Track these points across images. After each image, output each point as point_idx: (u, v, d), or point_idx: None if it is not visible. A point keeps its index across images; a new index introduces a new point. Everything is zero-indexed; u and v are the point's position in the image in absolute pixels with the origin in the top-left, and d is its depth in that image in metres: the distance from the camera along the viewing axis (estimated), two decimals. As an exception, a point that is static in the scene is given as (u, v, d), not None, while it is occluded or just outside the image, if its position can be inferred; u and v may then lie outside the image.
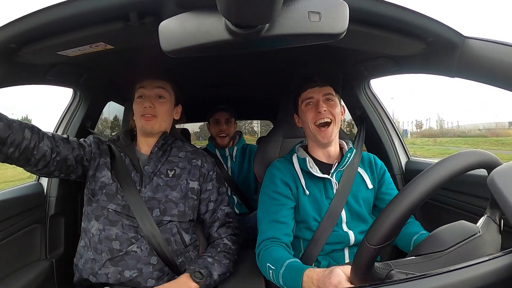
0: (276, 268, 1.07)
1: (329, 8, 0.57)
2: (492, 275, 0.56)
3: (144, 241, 1.18)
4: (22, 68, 1.03)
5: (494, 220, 0.75)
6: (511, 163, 0.62)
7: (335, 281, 0.82)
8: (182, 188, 1.27)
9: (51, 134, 1.21)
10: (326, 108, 1.23)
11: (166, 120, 1.33)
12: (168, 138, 1.36)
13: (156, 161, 1.30)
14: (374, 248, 0.63)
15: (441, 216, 1.48)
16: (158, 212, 1.21)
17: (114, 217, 1.20)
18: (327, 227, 1.23)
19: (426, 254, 0.71)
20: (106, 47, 0.93)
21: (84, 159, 1.27)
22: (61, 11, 0.76)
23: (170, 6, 0.72)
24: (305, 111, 1.27)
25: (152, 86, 1.31)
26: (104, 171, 1.26)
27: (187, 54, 0.62)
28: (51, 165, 1.18)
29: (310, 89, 1.27)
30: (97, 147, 1.32)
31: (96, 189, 1.24)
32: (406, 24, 0.87)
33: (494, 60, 0.86)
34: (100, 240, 1.17)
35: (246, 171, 2.31)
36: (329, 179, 1.26)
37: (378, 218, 0.65)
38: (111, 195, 1.22)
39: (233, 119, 2.35)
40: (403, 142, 1.83)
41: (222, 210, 1.37)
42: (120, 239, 1.17)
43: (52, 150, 1.16)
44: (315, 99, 1.25)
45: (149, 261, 1.17)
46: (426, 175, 0.64)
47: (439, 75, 1.09)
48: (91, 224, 1.21)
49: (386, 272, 0.67)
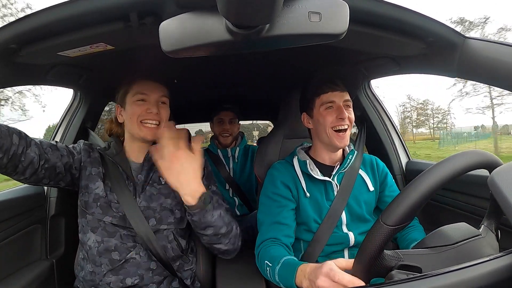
0: (272, 265, 1.07)
1: (329, 8, 0.57)
2: (492, 276, 0.57)
3: (142, 248, 1.17)
4: (22, 69, 1.03)
5: (491, 230, 0.77)
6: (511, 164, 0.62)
7: (326, 269, 0.82)
8: (176, 194, 1.17)
9: (39, 140, 1.15)
10: (348, 115, 1.22)
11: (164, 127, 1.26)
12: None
13: (149, 169, 1.24)
14: (390, 228, 0.63)
15: (442, 217, 1.48)
16: (154, 221, 1.19)
17: (112, 229, 1.17)
18: (327, 229, 1.23)
19: (433, 247, 0.72)
20: (107, 47, 0.93)
21: (72, 167, 1.22)
22: (61, 12, 0.76)
23: (170, 7, 0.72)
24: (324, 114, 1.24)
25: (157, 90, 1.24)
26: (98, 182, 1.21)
27: (187, 55, 0.62)
28: (39, 173, 1.12)
29: (332, 92, 1.23)
30: (87, 155, 1.26)
31: (90, 201, 1.19)
32: (406, 25, 0.87)
33: (494, 60, 0.86)
34: (99, 252, 1.16)
35: (248, 172, 2.31)
36: (330, 181, 1.27)
37: (396, 198, 0.65)
38: (106, 208, 1.18)
39: (237, 119, 2.34)
40: (404, 142, 1.83)
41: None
42: (119, 249, 1.16)
43: (40, 156, 1.11)
44: (336, 104, 1.23)
45: (149, 266, 1.17)
46: (443, 165, 0.65)
47: (439, 75, 1.09)
48: (87, 236, 1.19)
49: (396, 262, 0.67)
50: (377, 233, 0.64)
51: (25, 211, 1.36)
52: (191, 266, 1.29)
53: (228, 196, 2.23)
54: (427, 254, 0.71)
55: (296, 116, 1.44)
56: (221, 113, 2.32)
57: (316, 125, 1.28)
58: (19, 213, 1.32)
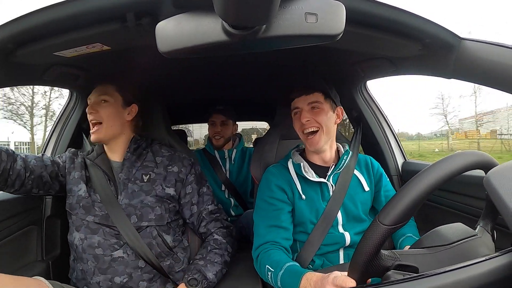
0: (275, 270, 1.07)
1: (325, 9, 0.57)
2: (488, 275, 0.57)
3: (128, 246, 1.19)
4: (18, 69, 1.02)
5: (487, 231, 0.77)
6: (506, 164, 0.62)
7: (331, 277, 0.82)
8: (157, 192, 1.26)
9: (24, 155, 1.23)
10: (310, 117, 1.23)
11: (113, 125, 1.29)
12: (141, 141, 1.35)
13: (130, 167, 1.29)
14: (387, 227, 0.63)
15: (437, 217, 1.48)
16: (135, 218, 1.21)
17: (94, 226, 1.21)
18: (322, 229, 1.23)
19: (430, 247, 0.73)
20: (103, 48, 0.93)
21: (59, 175, 1.30)
22: (57, 12, 0.76)
23: (167, 7, 0.72)
24: (294, 120, 1.30)
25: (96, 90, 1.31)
26: (80, 185, 1.27)
27: (183, 55, 0.62)
28: (26, 184, 1.21)
29: (296, 98, 1.27)
30: (72, 162, 1.33)
31: (73, 203, 1.25)
32: (402, 26, 0.88)
33: (490, 61, 0.86)
34: (83, 249, 1.19)
35: (245, 174, 2.30)
36: (325, 182, 1.27)
37: (393, 198, 0.66)
38: (88, 208, 1.23)
39: (230, 121, 2.31)
40: (400, 143, 1.84)
41: (206, 209, 1.35)
42: (102, 246, 1.18)
43: (26, 169, 1.19)
44: (300, 109, 1.26)
45: (137, 265, 1.19)
46: (440, 165, 0.66)
47: (435, 76, 1.09)
48: (73, 235, 1.24)
49: (392, 262, 0.67)
50: (374, 233, 0.64)
51: (21, 212, 1.35)
52: (183, 266, 1.29)
53: (224, 197, 2.22)
54: (423, 254, 0.72)
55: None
56: (213, 115, 2.30)
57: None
58: (15, 214, 1.31)
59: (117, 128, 1.30)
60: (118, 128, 1.31)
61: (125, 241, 1.18)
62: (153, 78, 1.71)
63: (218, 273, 1.23)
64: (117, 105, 1.30)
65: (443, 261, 0.68)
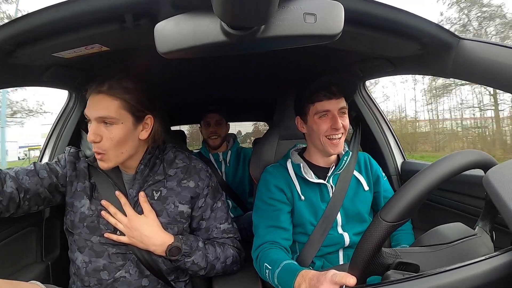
0: (272, 268, 1.06)
1: (324, 9, 0.57)
2: (488, 274, 0.57)
3: (132, 265, 1.11)
4: (17, 70, 1.02)
5: (486, 230, 0.78)
6: (506, 163, 0.63)
7: (330, 274, 0.80)
8: (169, 212, 1.13)
9: (14, 172, 1.07)
10: (342, 123, 1.20)
11: (124, 151, 1.08)
12: (154, 150, 1.17)
13: (141, 182, 1.14)
14: (389, 224, 0.64)
15: (437, 217, 1.48)
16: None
17: (99, 248, 1.10)
18: (322, 231, 1.23)
19: (430, 245, 0.73)
20: (102, 48, 0.93)
21: (59, 186, 1.14)
22: (56, 13, 0.76)
23: (166, 8, 0.72)
24: (318, 122, 1.22)
25: (95, 109, 1.05)
26: (83, 200, 1.12)
27: (182, 56, 0.62)
28: (23, 205, 1.06)
29: (327, 100, 1.20)
30: (73, 168, 1.16)
31: (76, 222, 1.12)
32: (401, 26, 0.88)
33: (489, 61, 0.86)
34: (87, 272, 1.10)
35: (241, 175, 2.30)
36: (325, 183, 1.26)
37: (395, 195, 0.66)
38: (93, 227, 1.10)
39: (224, 120, 2.33)
40: (399, 143, 1.84)
41: (218, 228, 1.22)
42: (108, 269, 1.10)
43: (18, 189, 1.03)
44: (331, 113, 1.20)
45: (140, 284, 1.12)
46: (441, 163, 0.67)
47: (434, 76, 1.10)
48: (75, 255, 1.13)
49: (393, 259, 0.67)
50: (376, 230, 0.65)
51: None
52: (185, 279, 1.25)
53: None
54: (424, 252, 0.72)
55: (291, 117, 1.43)
56: (207, 115, 2.32)
57: (310, 131, 1.27)
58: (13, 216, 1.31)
59: (130, 150, 1.10)
60: (131, 150, 1.11)
61: (131, 258, 1.11)
62: (152, 78, 1.71)
63: (203, 267, 1.15)
64: (126, 126, 1.06)
65: (443, 260, 0.69)
